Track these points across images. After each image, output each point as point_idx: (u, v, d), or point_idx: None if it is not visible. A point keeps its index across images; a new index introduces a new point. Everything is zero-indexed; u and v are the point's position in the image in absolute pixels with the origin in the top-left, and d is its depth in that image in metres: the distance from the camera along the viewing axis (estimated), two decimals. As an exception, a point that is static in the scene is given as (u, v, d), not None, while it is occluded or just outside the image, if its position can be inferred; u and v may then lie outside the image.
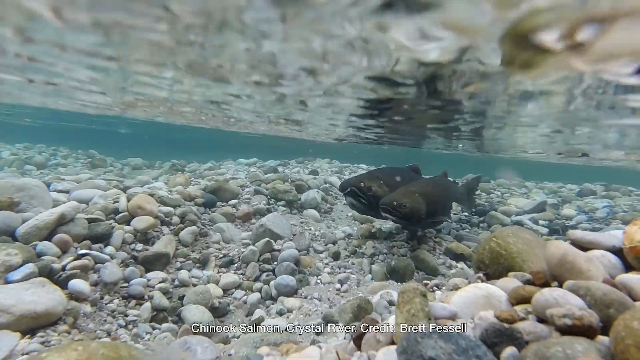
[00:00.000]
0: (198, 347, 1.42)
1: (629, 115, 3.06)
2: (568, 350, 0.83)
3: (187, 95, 4.26)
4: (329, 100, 3.58)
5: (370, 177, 4.04)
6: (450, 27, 1.54)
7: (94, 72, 3.35)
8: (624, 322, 0.91)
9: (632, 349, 0.87)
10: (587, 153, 5.55)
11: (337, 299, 3.24)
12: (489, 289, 1.18)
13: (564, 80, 2.31)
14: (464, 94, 2.83)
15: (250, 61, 2.44)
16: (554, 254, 1.24)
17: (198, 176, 6.01)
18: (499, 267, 1.43)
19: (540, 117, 3.52)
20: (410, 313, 1.07)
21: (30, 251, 2.49)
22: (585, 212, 5.41)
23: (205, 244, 3.73)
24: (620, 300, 1.08)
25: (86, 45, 2.43)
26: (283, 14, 1.58)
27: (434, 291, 1.55)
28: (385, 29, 1.63)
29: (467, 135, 5.13)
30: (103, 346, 0.93)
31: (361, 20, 1.57)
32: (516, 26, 1.46)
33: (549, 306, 1.01)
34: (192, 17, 1.73)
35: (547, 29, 1.47)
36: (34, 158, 8.01)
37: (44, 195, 3.02)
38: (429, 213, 3.59)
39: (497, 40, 1.62)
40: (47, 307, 1.98)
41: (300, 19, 1.63)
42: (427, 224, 3.98)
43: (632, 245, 1.28)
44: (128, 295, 2.73)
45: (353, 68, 2.35)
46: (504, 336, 0.93)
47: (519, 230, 1.56)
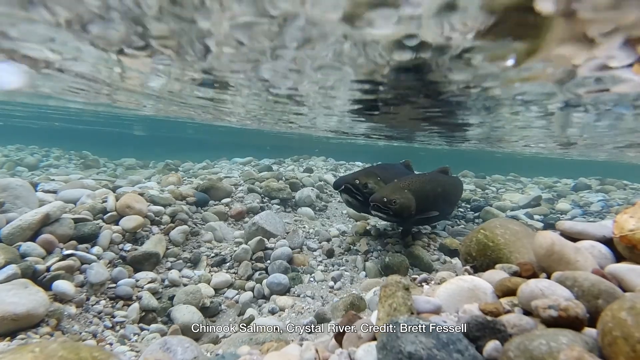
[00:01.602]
0: (178, 348, 1.37)
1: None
2: (552, 342, 0.79)
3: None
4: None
5: (367, 174, 3.99)
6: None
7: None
8: (612, 312, 0.87)
9: (620, 341, 0.83)
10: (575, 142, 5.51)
11: (330, 296, 3.20)
12: (474, 282, 1.14)
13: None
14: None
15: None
16: (541, 244, 1.20)
17: (191, 175, 5.95)
18: (486, 259, 1.39)
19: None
20: (392, 307, 1.03)
21: (14, 252, 2.43)
22: (580, 206, 5.40)
23: (197, 243, 3.68)
24: (609, 291, 1.04)
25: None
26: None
27: (422, 286, 1.50)
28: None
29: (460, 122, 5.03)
30: (63, 347, 0.88)
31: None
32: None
33: (535, 298, 0.97)
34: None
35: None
36: (26, 159, 7.92)
37: (28, 195, 2.96)
38: (420, 209, 3.52)
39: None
40: (27, 309, 1.92)
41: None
42: (420, 220, 3.88)
43: (622, 235, 1.24)
44: (115, 296, 2.68)
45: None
46: (486, 329, 0.89)
47: (507, 221, 1.52)
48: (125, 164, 8.79)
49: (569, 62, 2.04)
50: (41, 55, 2.90)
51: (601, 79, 2.30)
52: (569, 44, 1.77)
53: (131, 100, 5.62)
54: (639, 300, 0.86)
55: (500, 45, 1.83)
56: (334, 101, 4.03)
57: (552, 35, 1.67)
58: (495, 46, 1.85)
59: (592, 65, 2.06)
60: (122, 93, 4.95)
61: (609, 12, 1.43)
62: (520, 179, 7.82)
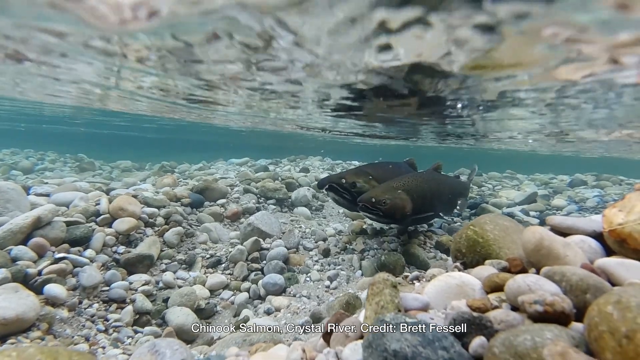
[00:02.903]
0: (167, 350, 1.36)
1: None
2: (537, 338, 0.78)
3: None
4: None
5: (356, 173, 3.96)
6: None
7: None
8: (598, 307, 0.86)
9: (606, 336, 0.82)
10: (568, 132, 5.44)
11: (326, 296, 3.19)
12: (463, 278, 1.13)
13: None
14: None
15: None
16: (530, 239, 1.19)
17: (187, 177, 5.92)
18: (476, 255, 1.38)
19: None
20: (379, 305, 1.02)
21: (5, 256, 2.41)
22: (576, 202, 5.41)
23: (192, 244, 3.66)
24: (597, 286, 1.03)
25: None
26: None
27: (414, 283, 1.49)
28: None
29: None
30: (41, 352, 0.87)
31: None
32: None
33: (522, 293, 0.96)
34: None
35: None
36: (21, 163, 7.87)
37: (20, 199, 2.94)
38: (417, 209, 3.40)
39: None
40: (17, 313, 1.90)
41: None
42: (415, 220, 3.74)
43: (612, 229, 1.23)
44: (109, 299, 2.66)
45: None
46: (472, 326, 0.88)
47: (497, 217, 1.51)
48: (121, 167, 8.75)
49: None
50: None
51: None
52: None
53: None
54: (626, 295, 0.85)
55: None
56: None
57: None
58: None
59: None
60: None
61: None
62: (516, 176, 7.84)
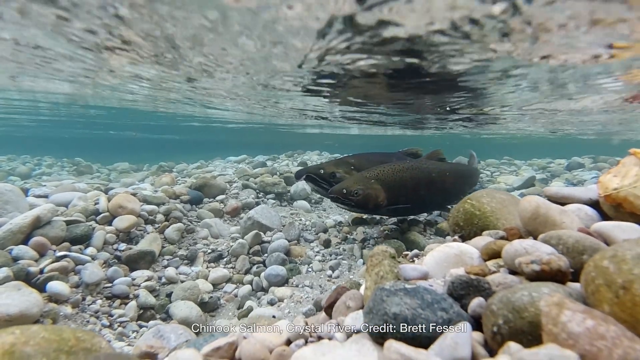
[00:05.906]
0: (172, 335, 1.37)
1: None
2: (534, 293, 0.79)
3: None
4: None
5: (337, 163, 3.96)
6: None
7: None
8: (594, 262, 0.87)
9: (603, 289, 0.83)
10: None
11: (328, 285, 3.21)
12: (461, 247, 1.14)
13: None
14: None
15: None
16: (526, 208, 1.20)
17: (185, 175, 5.93)
18: (474, 227, 1.39)
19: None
20: (379, 275, 1.03)
21: (5, 256, 2.41)
22: (574, 184, 5.44)
23: (193, 240, 3.67)
24: (594, 247, 1.04)
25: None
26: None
27: (414, 261, 1.50)
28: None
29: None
30: (44, 329, 0.88)
31: None
32: None
33: (519, 256, 0.97)
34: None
35: None
36: (18, 169, 7.84)
37: (18, 200, 2.93)
38: (391, 200, 3.28)
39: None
40: (20, 310, 1.91)
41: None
42: (394, 211, 3.48)
43: (607, 194, 1.24)
44: (112, 295, 2.67)
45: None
46: (470, 287, 0.89)
47: (494, 191, 1.52)
48: (118, 169, 8.73)
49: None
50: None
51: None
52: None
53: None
54: (621, 249, 0.86)
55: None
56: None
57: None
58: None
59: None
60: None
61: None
62: (514, 162, 7.86)
